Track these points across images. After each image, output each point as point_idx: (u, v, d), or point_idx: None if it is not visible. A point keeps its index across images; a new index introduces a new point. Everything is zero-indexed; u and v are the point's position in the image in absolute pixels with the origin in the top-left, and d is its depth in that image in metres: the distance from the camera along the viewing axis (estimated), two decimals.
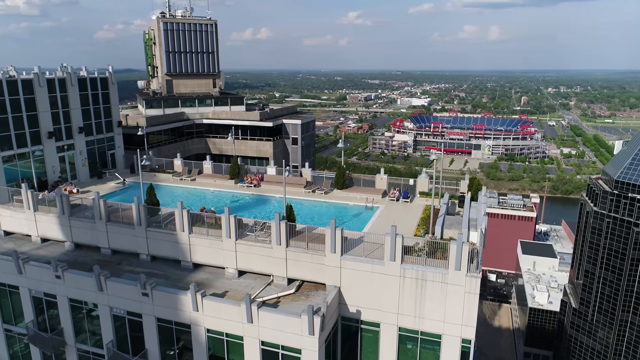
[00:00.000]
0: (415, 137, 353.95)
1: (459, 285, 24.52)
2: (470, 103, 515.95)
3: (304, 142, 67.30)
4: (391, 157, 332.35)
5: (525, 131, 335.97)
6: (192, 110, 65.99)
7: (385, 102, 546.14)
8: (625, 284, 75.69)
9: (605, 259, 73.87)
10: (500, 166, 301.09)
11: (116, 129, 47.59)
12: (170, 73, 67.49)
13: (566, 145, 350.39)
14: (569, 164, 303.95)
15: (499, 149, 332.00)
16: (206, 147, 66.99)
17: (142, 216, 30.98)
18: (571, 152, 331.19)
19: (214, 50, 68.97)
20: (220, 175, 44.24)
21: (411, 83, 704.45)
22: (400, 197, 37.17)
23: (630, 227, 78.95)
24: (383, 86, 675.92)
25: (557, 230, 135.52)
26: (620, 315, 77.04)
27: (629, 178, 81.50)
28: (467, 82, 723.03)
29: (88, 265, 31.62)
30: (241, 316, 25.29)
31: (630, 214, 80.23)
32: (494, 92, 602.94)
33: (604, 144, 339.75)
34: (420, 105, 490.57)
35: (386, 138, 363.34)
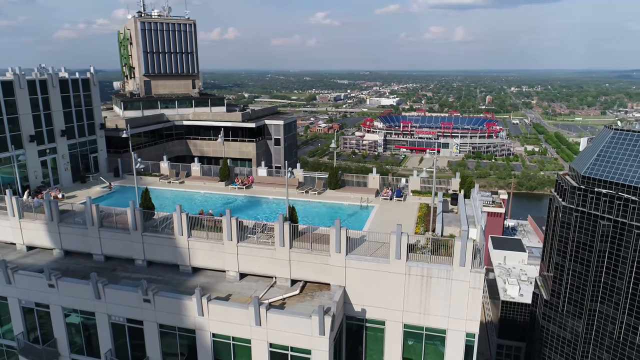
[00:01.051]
0: (385, 136, 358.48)
1: (464, 281, 25.17)
2: (438, 102, 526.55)
3: (286, 142, 67.19)
4: (362, 157, 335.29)
5: (490, 129, 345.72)
6: (172, 111, 64.74)
7: (355, 102, 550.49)
8: (593, 274, 79.13)
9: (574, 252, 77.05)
10: (468, 164, 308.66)
11: (99, 132, 46.21)
12: (148, 74, 65.98)
13: (529, 143, 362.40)
14: (532, 161, 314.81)
15: (467, 147, 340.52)
16: (187, 149, 65.88)
17: (138, 221, 30.27)
18: (534, 150, 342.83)
19: (193, 51, 67.90)
20: (209, 178, 43.68)
21: (379, 83, 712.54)
22: (394, 196, 37.71)
23: (597, 220, 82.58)
24: (352, 86, 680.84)
25: (523, 225, 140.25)
26: (589, 305, 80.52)
27: (594, 173, 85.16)
28: (433, 82, 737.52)
29: (81, 272, 30.69)
30: (249, 319, 25.13)
31: (596, 208, 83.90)
32: (459, 91, 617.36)
33: (564, 141, 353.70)
34: (389, 105, 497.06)
35: (357, 138, 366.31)
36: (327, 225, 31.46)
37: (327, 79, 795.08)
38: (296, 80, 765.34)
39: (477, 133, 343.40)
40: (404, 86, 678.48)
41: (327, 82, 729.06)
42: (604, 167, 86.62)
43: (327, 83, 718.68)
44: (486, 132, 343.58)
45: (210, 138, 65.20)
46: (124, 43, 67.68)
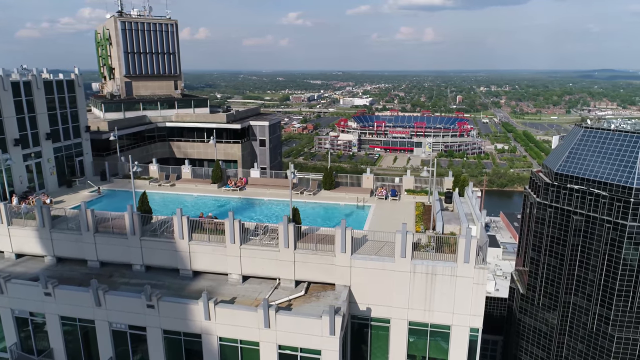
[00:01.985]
0: (360, 136, 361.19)
1: (468, 277, 25.78)
2: (410, 102, 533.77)
3: (271, 143, 66.97)
4: (337, 157, 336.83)
5: (462, 128, 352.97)
6: (155, 113, 63.54)
7: (329, 102, 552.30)
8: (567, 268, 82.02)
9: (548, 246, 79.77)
10: (441, 162, 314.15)
11: (84, 134, 44.92)
12: (129, 74, 64.54)
13: (499, 141, 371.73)
14: (502, 159, 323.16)
15: (439, 146, 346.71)
16: (170, 152, 64.81)
17: (136, 225, 29.65)
18: (504, 148, 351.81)
19: (175, 51, 66.80)
20: (201, 180, 43.14)
21: (352, 83, 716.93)
22: (389, 195, 38.17)
23: (570, 216, 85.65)
24: (325, 86, 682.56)
25: (496, 222, 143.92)
26: (563, 297, 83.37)
27: (567, 170, 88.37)
28: (405, 82, 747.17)
29: (76, 280, 29.89)
30: (258, 321, 25.01)
31: (569, 204, 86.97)
32: (431, 91, 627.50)
33: (532, 139, 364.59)
34: (362, 105, 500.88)
35: (331, 138, 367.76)
36: (325, 225, 31.71)
37: (300, 79, 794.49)
38: (269, 80, 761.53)
39: (449, 132, 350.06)
40: (377, 86, 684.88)
41: (300, 83, 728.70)
42: (575, 164, 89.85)
43: (300, 83, 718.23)
44: (458, 131, 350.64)
45: (194, 140, 64.36)
46: (102, 43, 65.99)
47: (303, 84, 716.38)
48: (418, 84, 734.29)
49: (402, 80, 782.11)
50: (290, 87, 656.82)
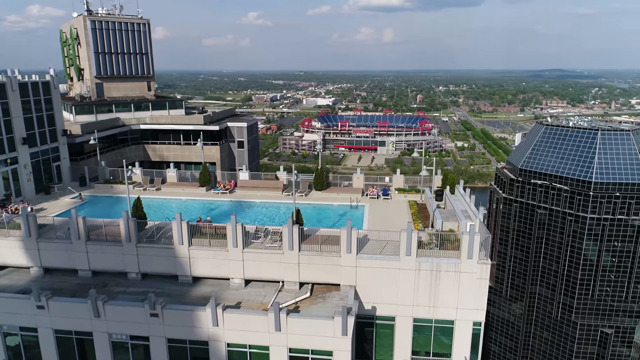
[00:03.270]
0: (324, 136, 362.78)
1: (472, 272, 26.52)
2: (372, 102, 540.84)
3: (249, 144, 66.26)
4: (302, 157, 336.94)
5: (423, 127, 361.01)
6: (128, 115, 61.46)
7: (292, 103, 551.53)
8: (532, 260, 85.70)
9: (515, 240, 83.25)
10: (404, 160, 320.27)
11: (61, 139, 42.87)
12: (100, 75, 62.12)
13: (459, 139, 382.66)
14: (462, 156, 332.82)
15: (402, 145, 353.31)
16: (144, 155, 62.88)
17: (131, 232, 28.67)
18: (464, 145, 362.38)
19: (148, 51, 64.84)
20: (187, 184, 42.14)
21: (315, 83, 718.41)
22: (381, 194, 38.62)
23: (534, 210, 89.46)
24: (288, 86, 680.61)
25: None
26: (529, 288, 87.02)
27: (530, 166, 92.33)
28: (367, 82, 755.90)
29: (68, 291, 28.62)
30: (268, 325, 24.76)
31: (534, 198, 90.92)
32: (392, 91, 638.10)
33: (490, 137, 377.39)
34: (325, 105, 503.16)
35: (296, 138, 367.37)
36: (322, 226, 31.76)
37: (262, 79, 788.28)
38: (230, 80, 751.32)
39: (411, 131, 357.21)
40: (339, 86, 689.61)
41: (262, 83, 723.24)
42: (538, 160, 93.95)
43: (262, 83, 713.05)
44: (419, 129, 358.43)
45: (170, 142, 62.77)
46: (69, 43, 63.18)
47: (265, 84, 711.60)
48: (379, 83, 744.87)
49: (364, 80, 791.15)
50: (252, 88, 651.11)
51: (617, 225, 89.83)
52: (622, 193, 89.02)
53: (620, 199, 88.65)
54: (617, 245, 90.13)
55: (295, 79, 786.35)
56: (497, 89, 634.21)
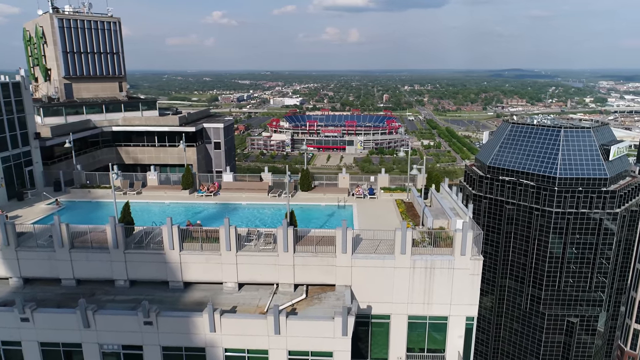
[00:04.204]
0: (293, 135, 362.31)
1: (465, 268, 27.08)
2: (339, 101, 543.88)
3: (226, 145, 65.36)
4: (271, 157, 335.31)
5: (390, 126, 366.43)
6: (99, 117, 59.40)
7: (259, 103, 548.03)
8: (502, 254, 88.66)
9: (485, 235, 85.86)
10: (373, 159, 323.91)
11: (33, 142, 40.94)
12: (69, 76, 59.68)
13: (425, 138, 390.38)
14: (429, 154, 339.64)
15: (370, 144, 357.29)
16: (117, 157, 60.97)
17: (119, 238, 27.73)
18: (430, 144, 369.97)
19: (119, 51, 62.81)
20: (169, 187, 41.11)
21: (281, 83, 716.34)
22: (367, 194, 38.88)
23: (503, 205, 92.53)
24: (254, 86, 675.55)
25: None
26: (500, 282, 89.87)
27: (498, 163, 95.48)
28: (333, 82, 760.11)
29: (53, 301, 27.39)
30: (267, 329, 24.50)
31: (502, 194, 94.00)
32: (358, 90, 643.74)
33: (454, 135, 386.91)
34: (293, 105, 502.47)
35: (264, 138, 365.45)
36: (312, 226, 31.65)
37: (228, 79, 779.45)
38: (195, 80, 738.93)
39: (378, 130, 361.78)
40: (306, 86, 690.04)
41: (228, 83, 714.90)
42: (505, 158, 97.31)
43: (228, 83, 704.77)
44: (387, 128, 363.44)
45: (144, 144, 61.11)
46: (34, 42, 60.41)
47: (231, 84, 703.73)
48: (346, 83, 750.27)
49: (330, 80, 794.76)
50: (218, 88, 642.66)
51: (580, 218, 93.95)
52: (585, 188, 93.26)
53: (582, 193, 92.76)
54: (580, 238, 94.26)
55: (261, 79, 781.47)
56: (460, 89, 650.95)
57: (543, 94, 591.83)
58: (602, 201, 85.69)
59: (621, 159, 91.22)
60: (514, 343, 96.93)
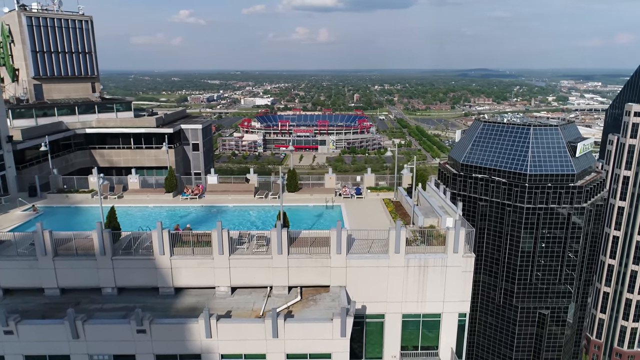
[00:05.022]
0: (265, 136, 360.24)
1: (457, 266, 27.50)
2: (311, 101, 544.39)
3: (204, 147, 64.29)
4: (243, 158, 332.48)
5: (362, 125, 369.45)
6: (72, 118, 57.32)
7: (229, 103, 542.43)
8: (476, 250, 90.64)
9: None
10: (345, 159, 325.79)
11: (5, 145, 39.12)
12: (39, 76, 57.29)
13: (396, 137, 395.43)
14: (400, 153, 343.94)
15: (342, 143, 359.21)
16: (92, 160, 59.01)
17: (106, 244, 26.80)
18: (401, 142, 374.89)
19: (92, 50, 60.75)
20: (152, 190, 40.04)
21: (252, 83, 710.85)
22: (354, 194, 38.95)
23: (476, 202, 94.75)
24: (224, 86, 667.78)
25: None
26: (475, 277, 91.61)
27: (471, 161, 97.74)
28: (304, 81, 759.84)
29: (37, 312, 26.25)
30: (265, 333, 24.19)
31: (475, 191, 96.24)
32: (329, 90, 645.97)
33: (424, 134, 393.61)
34: (264, 105, 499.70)
35: (235, 139, 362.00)
36: (302, 228, 31.47)
37: (197, 79, 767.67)
38: (163, 80, 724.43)
39: (350, 129, 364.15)
40: (277, 86, 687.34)
41: (197, 83, 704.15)
42: (478, 155, 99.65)
43: (197, 84, 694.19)
44: (358, 128, 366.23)
45: (119, 147, 59.42)
46: None
47: (201, 84, 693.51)
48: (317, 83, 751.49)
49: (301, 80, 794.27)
50: (187, 88, 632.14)
51: (549, 213, 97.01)
52: (554, 184, 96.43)
53: (552, 189, 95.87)
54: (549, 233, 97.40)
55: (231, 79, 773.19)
56: (429, 88, 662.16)
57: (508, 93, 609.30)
58: (570, 196, 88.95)
59: (587, 156, 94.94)
60: (489, 336, 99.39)
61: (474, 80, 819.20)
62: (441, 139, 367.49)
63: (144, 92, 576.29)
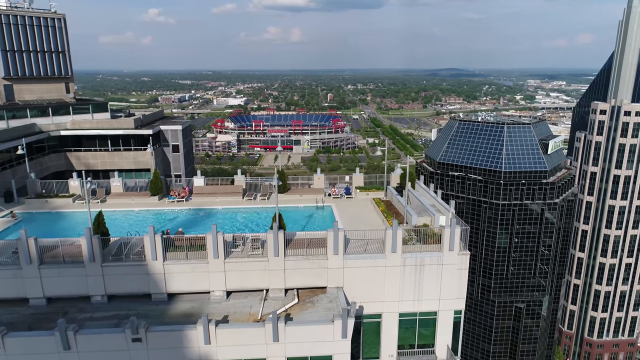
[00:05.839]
0: (239, 136, 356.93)
1: (453, 264, 27.73)
2: (284, 101, 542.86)
3: (184, 148, 63.01)
4: (216, 158, 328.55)
5: (336, 125, 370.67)
6: (45, 120, 55.16)
7: (202, 103, 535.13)
8: None
9: None
10: (320, 158, 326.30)
11: None
12: (9, 77, 54.83)
13: (370, 136, 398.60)
14: (374, 152, 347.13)
15: (317, 143, 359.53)
16: (67, 163, 56.94)
17: (95, 250, 25.83)
18: (375, 142, 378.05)
19: (65, 49, 58.58)
20: (136, 193, 38.86)
21: (224, 83, 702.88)
22: (344, 194, 38.85)
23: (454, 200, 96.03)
24: (196, 86, 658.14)
25: None
26: None
27: (447, 159, 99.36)
28: (277, 81, 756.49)
29: (23, 324, 25.10)
30: (265, 337, 23.79)
31: (452, 189, 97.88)
32: (303, 90, 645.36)
33: (398, 132, 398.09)
34: (237, 105, 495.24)
35: (209, 139, 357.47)
36: (294, 229, 31.14)
37: (168, 79, 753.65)
38: (132, 81, 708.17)
39: (324, 129, 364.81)
40: (250, 86, 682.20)
41: (168, 83, 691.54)
42: (454, 153, 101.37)
43: (168, 84, 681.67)
44: (333, 127, 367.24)
45: (96, 149, 57.58)
46: None
47: (171, 84, 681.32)
48: (290, 82, 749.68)
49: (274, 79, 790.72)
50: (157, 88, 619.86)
51: (524, 209, 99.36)
52: (527, 180, 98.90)
53: (525, 185, 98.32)
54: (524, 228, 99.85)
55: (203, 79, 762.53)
56: (401, 87, 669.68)
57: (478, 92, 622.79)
58: (542, 192, 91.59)
59: (557, 153, 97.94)
60: (468, 331, 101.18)
61: (445, 79, 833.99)
62: (414, 138, 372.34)
63: (113, 92, 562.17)
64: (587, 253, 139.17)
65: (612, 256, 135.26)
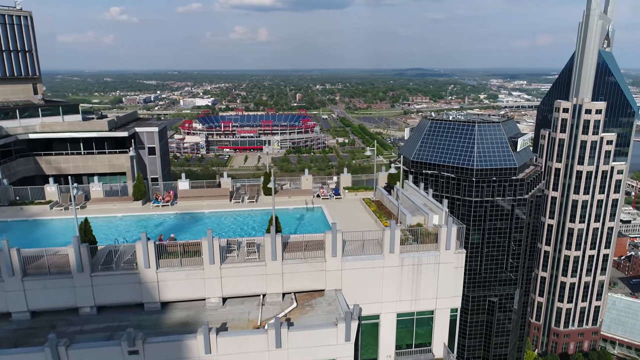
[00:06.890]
0: (207, 137, 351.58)
1: (450, 262, 27.92)
2: (253, 101, 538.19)
3: (161, 150, 61.26)
4: (185, 160, 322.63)
5: (306, 125, 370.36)
6: (12, 123, 52.40)
7: (168, 104, 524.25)
8: None
9: None
10: (290, 158, 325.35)
11: None
12: None
13: (339, 135, 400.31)
14: (344, 151, 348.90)
15: (287, 143, 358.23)
16: (37, 168, 54.38)
17: (84, 260, 24.59)
18: (345, 141, 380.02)
19: (32, 49, 55.81)
20: (117, 198, 37.33)
21: (191, 83, 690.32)
22: (332, 194, 38.59)
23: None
24: (161, 87, 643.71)
25: None
26: None
27: (421, 157, 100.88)
28: (245, 81, 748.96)
29: (7, 340, 23.67)
30: (268, 344, 23.21)
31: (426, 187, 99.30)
32: (271, 90, 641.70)
33: (367, 132, 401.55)
34: (204, 106, 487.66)
35: (176, 141, 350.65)
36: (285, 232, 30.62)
37: (132, 79, 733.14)
38: (94, 81, 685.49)
39: (294, 129, 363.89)
40: (217, 86, 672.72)
41: (132, 83, 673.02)
42: (427, 152, 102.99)
43: (132, 84, 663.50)
44: (302, 127, 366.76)
45: (68, 152, 55.23)
46: None
47: (136, 84, 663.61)
48: (258, 82, 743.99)
49: (242, 79, 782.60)
50: (121, 88, 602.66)
51: (495, 206, 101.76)
52: (498, 177, 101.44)
53: (496, 182, 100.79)
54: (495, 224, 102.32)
55: (169, 79, 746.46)
56: (369, 87, 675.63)
57: (443, 91, 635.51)
58: (512, 189, 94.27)
59: (526, 150, 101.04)
60: None
61: (411, 79, 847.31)
62: (383, 137, 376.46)
63: (74, 93, 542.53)
64: (553, 246, 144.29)
65: (576, 249, 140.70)
